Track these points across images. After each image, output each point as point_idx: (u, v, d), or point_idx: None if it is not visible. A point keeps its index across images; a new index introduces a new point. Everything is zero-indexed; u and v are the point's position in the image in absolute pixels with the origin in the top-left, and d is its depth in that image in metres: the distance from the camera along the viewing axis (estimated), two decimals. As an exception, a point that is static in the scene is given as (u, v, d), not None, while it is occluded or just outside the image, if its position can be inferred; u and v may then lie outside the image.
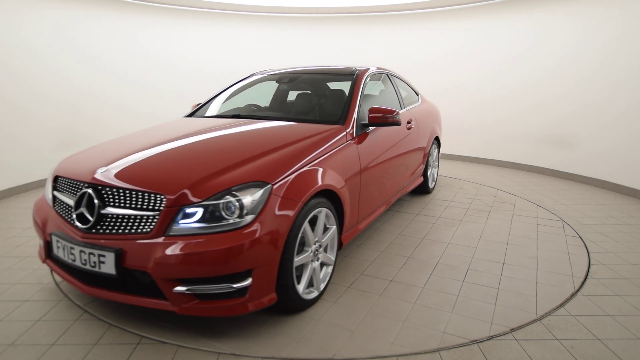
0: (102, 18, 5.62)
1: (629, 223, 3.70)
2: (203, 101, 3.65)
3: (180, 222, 1.81)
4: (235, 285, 1.80)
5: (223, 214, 1.82)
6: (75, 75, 5.36)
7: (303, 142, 2.35)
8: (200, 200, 1.82)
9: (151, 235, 1.81)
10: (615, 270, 2.75)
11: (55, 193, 2.24)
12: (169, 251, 1.75)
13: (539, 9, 5.54)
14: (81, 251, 1.91)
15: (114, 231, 1.89)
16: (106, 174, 2.02)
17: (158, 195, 1.86)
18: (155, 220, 1.83)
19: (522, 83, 5.83)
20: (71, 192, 2.11)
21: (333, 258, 2.42)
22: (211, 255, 1.74)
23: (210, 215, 1.81)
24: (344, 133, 2.65)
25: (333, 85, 3.38)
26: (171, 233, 1.80)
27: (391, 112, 2.81)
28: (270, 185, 1.92)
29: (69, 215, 2.06)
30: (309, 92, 3.51)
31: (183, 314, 1.86)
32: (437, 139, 4.63)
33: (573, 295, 2.41)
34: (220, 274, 1.77)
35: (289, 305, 2.10)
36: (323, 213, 2.23)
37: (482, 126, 6.34)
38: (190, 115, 3.46)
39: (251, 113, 3.41)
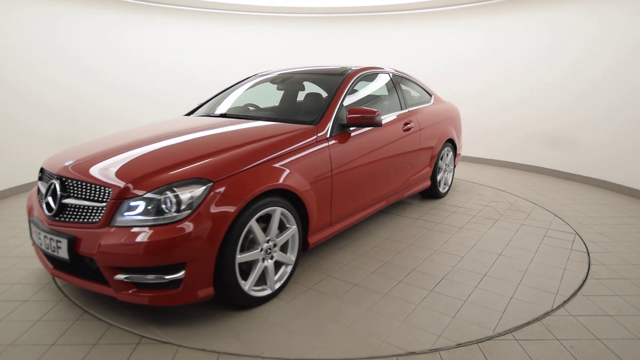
0: (102, 19, 5.63)
1: (629, 223, 3.70)
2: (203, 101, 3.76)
3: (125, 214, 1.93)
4: (167, 277, 1.89)
5: (163, 208, 1.91)
6: (79, 77, 5.36)
7: (264, 142, 2.39)
8: (141, 194, 1.94)
9: (99, 225, 1.95)
10: (615, 270, 2.75)
11: (39, 183, 2.48)
12: (110, 240, 1.89)
13: (551, 6, 5.54)
14: (45, 236, 2.11)
15: (71, 220, 2.06)
16: (70, 167, 2.22)
17: (106, 188, 2.00)
18: (103, 211, 1.97)
19: (528, 90, 5.78)
20: (46, 183, 2.33)
21: (293, 258, 2.44)
22: (145, 247, 1.84)
23: (151, 209, 1.92)
24: (314, 133, 2.63)
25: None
26: (115, 224, 1.93)
27: (371, 112, 2.77)
28: (211, 183, 1.99)
29: (41, 204, 2.27)
30: (298, 92, 3.59)
31: (124, 301, 1.98)
32: (451, 141, 4.41)
33: (573, 295, 2.41)
34: (153, 264, 1.87)
35: (233, 301, 2.16)
36: (277, 212, 2.26)
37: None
38: (190, 113, 3.61)
39: (242, 113, 3.41)
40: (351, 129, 2.90)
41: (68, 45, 5.25)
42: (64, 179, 2.17)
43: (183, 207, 1.92)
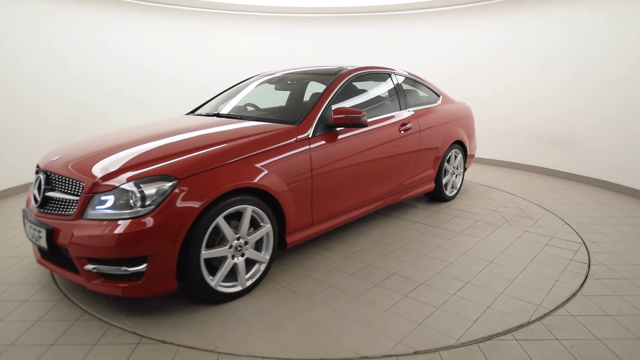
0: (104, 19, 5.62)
1: (629, 223, 3.70)
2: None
3: (97, 207, 2.04)
4: (130, 269, 1.98)
5: (130, 203, 2.00)
6: (84, 75, 5.36)
7: (239, 142, 2.42)
8: (109, 189, 2.04)
9: (73, 218, 2.08)
10: (615, 270, 2.75)
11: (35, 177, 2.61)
12: (80, 232, 2.01)
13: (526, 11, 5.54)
14: (30, 226, 2.27)
15: (52, 212, 2.20)
16: (55, 162, 2.38)
17: (80, 183, 2.13)
18: (76, 204, 2.09)
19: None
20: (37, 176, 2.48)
21: (267, 257, 2.46)
22: (108, 239, 1.94)
23: (119, 204, 2.01)
24: (294, 133, 2.64)
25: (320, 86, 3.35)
26: (87, 217, 2.04)
27: (356, 112, 2.76)
28: (176, 180, 2.05)
29: (31, 196, 2.46)
30: (292, 92, 3.63)
31: (92, 290, 2.08)
32: (460, 143, 4.28)
33: (573, 295, 2.41)
34: (116, 256, 1.97)
35: (200, 295, 2.22)
36: (248, 210, 2.29)
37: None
38: (193, 111, 3.68)
39: (239, 113, 3.41)
40: (339, 129, 2.88)
41: (56, 44, 5.23)
42: (48, 173, 2.34)
43: (148, 202, 1.99)
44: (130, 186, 2.02)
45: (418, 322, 2.13)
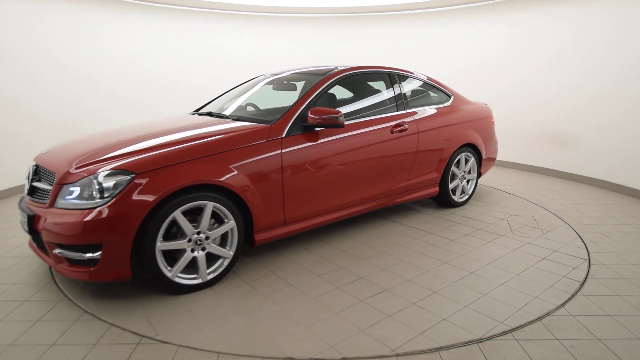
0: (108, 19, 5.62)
1: (629, 223, 3.70)
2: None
3: (66, 197, 2.22)
4: (86, 255, 2.14)
5: (92, 194, 2.16)
6: (86, 75, 5.36)
7: (206, 140, 2.50)
8: (74, 181, 2.22)
9: (47, 206, 2.28)
10: (615, 270, 2.75)
11: None
12: (50, 219, 2.20)
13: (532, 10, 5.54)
14: (20, 212, 2.47)
15: (36, 200, 2.42)
16: (43, 155, 2.65)
17: (54, 174, 2.34)
18: (49, 194, 2.30)
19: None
20: None
21: (231, 252, 2.52)
22: (68, 227, 2.12)
23: (82, 195, 2.19)
24: (266, 133, 2.66)
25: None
26: (57, 205, 2.23)
27: (333, 113, 2.76)
28: (134, 174, 2.18)
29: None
30: (290, 92, 3.58)
31: (59, 272, 2.30)
32: (472, 146, 4.07)
33: (573, 295, 2.41)
34: (74, 243, 2.14)
35: (159, 285, 2.33)
36: (209, 207, 2.36)
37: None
38: (198, 109, 3.74)
39: (235, 113, 3.39)
40: (318, 129, 2.88)
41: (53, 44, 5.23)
42: (36, 165, 2.59)
43: (106, 194, 2.15)
44: (91, 179, 2.19)
45: (361, 328, 2.08)
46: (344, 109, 3.26)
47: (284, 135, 2.73)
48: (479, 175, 4.31)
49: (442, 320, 2.15)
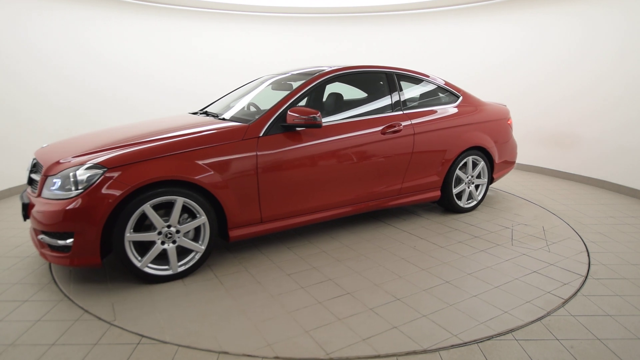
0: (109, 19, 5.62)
1: (629, 223, 3.70)
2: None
3: (50, 188, 2.39)
4: (60, 242, 2.33)
5: (69, 186, 2.33)
6: (84, 76, 5.36)
7: (181, 138, 2.60)
8: (55, 173, 2.40)
9: (36, 195, 2.48)
10: (615, 270, 2.75)
11: None
12: (36, 208, 2.40)
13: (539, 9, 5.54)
14: (21, 200, 2.67)
15: (32, 190, 2.62)
16: (41, 150, 2.88)
17: (42, 167, 2.53)
18: (38, 184, 2.51)
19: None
20: None
21: (203, 247, 2.60)
22: (45, 215, 2.32)
23: (61, 186, 2.36)
24: (242, 132, 2.71)
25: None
26: (43, 195, 2.42)
27: (310, 113, 2.77)
28: (105, 169, 2.32)
29: None
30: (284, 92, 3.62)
31: (42, 257, 2.45)
32: (481, 149, 3.87)
33: (573, 295, 2.41)
34: (51, 230, 2.33)
35: (131, 273, 2.47)
36: (179, 202, 2.45)
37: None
38: (203, 109, 3.79)
39: (240, 114, 3.38)
40: (299, 129, 2.89)
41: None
42: (35, 159, 2.79)
43: (80, 187, 2.30)
44: (68, 172, 2.35)
45: (306, 329, 2.07)
46: (332, 110, 3.30)
47: (261, 135, 2.76)
48: (491, 180, 4.09)
49: (392, 328, 2.08)
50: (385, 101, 3.49)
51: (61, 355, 1.85)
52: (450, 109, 3.79)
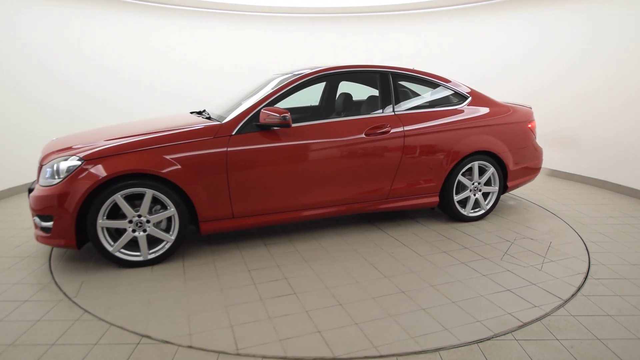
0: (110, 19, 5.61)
1: (629, 223, 3.70)
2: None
3: (44, 176, 2.65)
4: (43, 224, 2.61)
5: (54, 175, 2.60)
6: (85, 75, 5.36)
7: (155, 135, 2.75)
8: (45, 164, 2.69)
9: (37, 182, 2.75)
10: (615, 270, 2.75)
11: None
12: (33, 193, 2.66)
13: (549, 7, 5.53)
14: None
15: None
16: (48, 143, 3.08)
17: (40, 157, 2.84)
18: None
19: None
20: None
21: (172, 237, 2.78)
22: (34, 200, 2.61)
23: (50, 175, 2.62)
24: (214, 130, 2.82)
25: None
26: (40, 183, 2.68)
27: (279, 112, 2.81)
28: (82, 161, 2.57)
29: None
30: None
31: (37, 239, 2.70)
32: (491, 154, 3.59)
33: (573, 295, 2.41)
34: (37, 213, 2.62)
35: (103, 257, 2.69)
36: (148, 193, 2.64)
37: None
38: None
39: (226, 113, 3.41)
40: (275, 129, 2.93)
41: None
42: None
43: (61, 176, 2.57)
44: (53, 163, 2.63)
45: (232, 324, 2.09)
46: (310, 110, 3.40)
47: (233, 133, 2.84)
48: (504, 189, 3.77)
49: (316, 332, 2.04)
50: (373, 101, 3.41)
51: (61, 355, 1.85)
52: (454, 110, 3.55)
